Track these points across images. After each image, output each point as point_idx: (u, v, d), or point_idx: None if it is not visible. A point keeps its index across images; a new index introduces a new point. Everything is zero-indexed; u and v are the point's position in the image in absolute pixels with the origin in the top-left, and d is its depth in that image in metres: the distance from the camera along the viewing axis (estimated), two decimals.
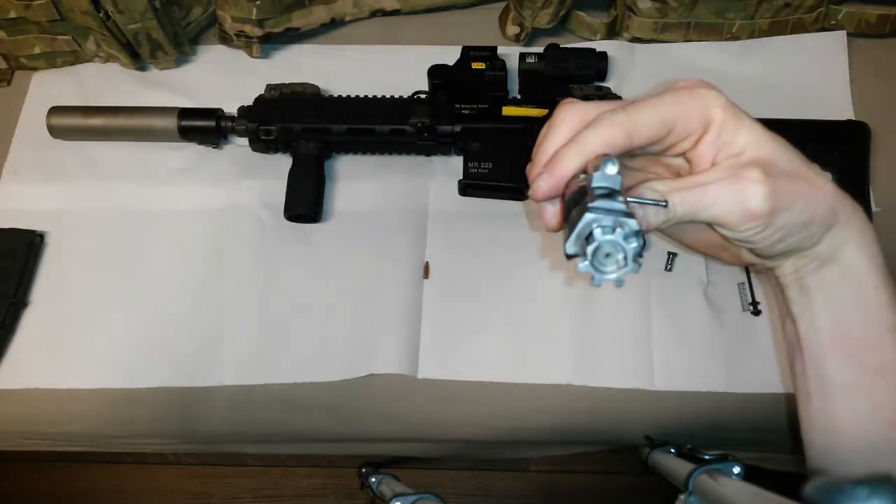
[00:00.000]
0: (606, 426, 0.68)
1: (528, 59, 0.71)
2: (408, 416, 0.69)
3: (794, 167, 0.35)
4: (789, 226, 0.35)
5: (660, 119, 0.35)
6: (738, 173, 0.34)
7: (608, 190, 0.31)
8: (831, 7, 0.75)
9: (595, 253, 0.30)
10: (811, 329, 0.39)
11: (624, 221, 0.29)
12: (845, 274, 0.37)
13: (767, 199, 0.33)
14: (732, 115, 0.36)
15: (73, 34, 0.76)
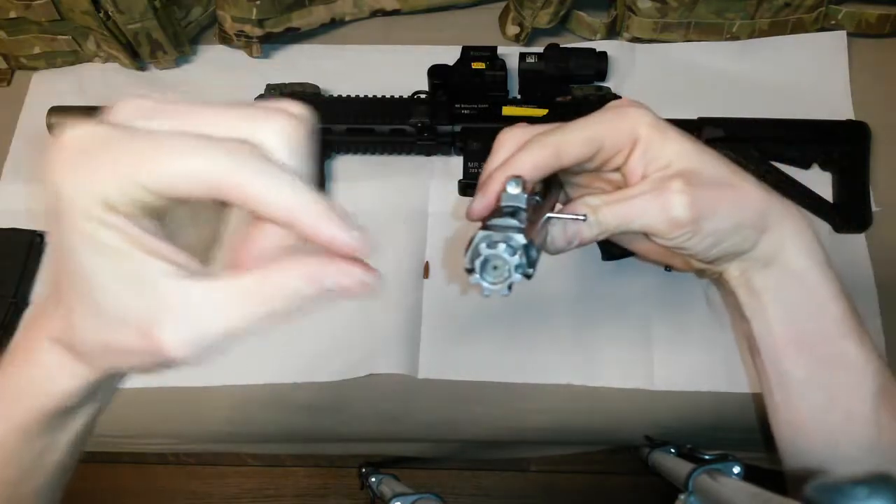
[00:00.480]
0: (606, 426, 0.68)
1: (528, 58, 0.71)
2: (408, 416, 0.69)
3: (719, 175, 0.37)
4: (718, 231, 0.37)
5: (587, 138, 0.37)
6: (662, 185, 0.36)
7: (513, 208, 0.33)
8: (831, 7, 0.75)
9: (483, 266, 0.32)
10: (764, 328, 0.41)
11: (510, 237, 0.31)
12: (788, 273, 0.39)
13: (689, 207, 0.35)
14: (657, 131, 0.37)
15: (73, 34, 0.75)
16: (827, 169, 0.72)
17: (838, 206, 0.70)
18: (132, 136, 0.24)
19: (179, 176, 0.23)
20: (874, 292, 0.68)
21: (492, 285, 0.32)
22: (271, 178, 0.24)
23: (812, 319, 0.39)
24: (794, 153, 0.71)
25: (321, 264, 0.25)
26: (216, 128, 0.25)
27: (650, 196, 0.36)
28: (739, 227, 0.37)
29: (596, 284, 0.69)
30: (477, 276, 0.32)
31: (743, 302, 0.41)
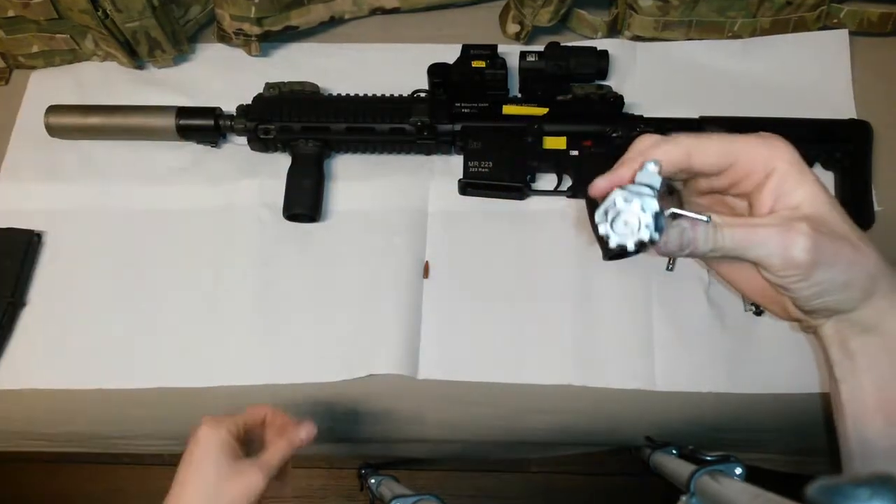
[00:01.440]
0: (607, 427, 0.68)
1: (528, 57, 0.71)
2: (408, 416, 0.68)
3: (843, 231, 0.37)
4: (827, 282, 0.37)
5: (724, 150, 0.38)
6: (789, 223, 0.36)
7: (647, 186, 0.34)
8: (833, 6, 0.75)
9: (614, 219, 0.34)
10: (853, 392, 0.40)
11: (645, 198, 0.33)
12: (887, 344, 0.39)
13: (810, 251, 0.35)
14: (797, 170, 0.37)
15: (71, 33, 0.75)
16: (829, 168, 0.71)
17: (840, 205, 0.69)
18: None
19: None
20: None
21: (620, 237, 0.34)
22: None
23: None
24: None
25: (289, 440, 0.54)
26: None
27: (775, 230, 0.36)
28: (849, 285, 0.37)
29: (597, 285, 0.69)
30: (607, 227, 0.34)
31: (835, 361, 0.41)
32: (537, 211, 0.71)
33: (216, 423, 0.51)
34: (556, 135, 0.70)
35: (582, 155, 0.70)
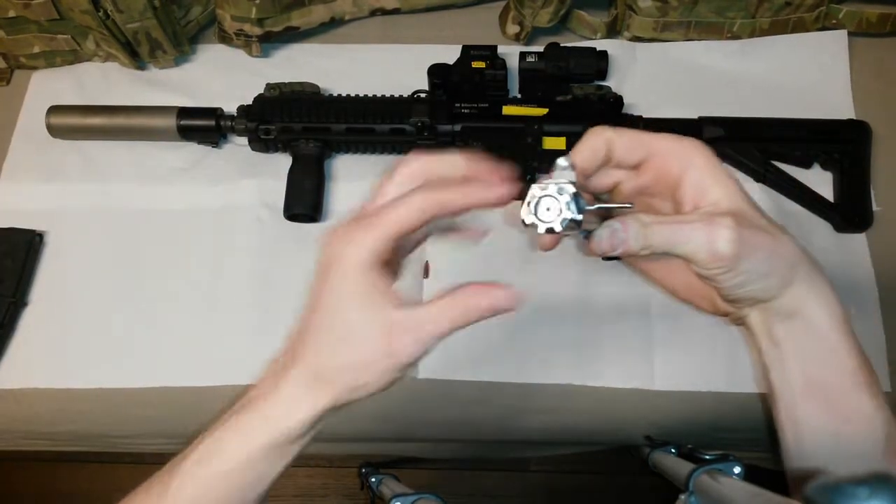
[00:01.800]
0: (607, 426, 0.68)
1: (528, 58, 0.71)
2: (408, 416, 0.69)
3: (761, 223, 0.39)
4: (752, 272, 0.39)
5: (639, 140, 0.40)
6: (712, 219, 0.38)
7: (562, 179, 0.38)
8: (832, 6, 0.75)
9: (536, 207, 0.37)
10: (781, 376, 0.43)
11: (561, 184, 0.36)
12: (809, 328, 0.41)
13: (734, 243, 0.37)
14: (711, 167, 0.40)
15: (72, 33, 0.75)
16: (828, 168, 0.72)
17: (839, 205, 0.70)
18: (369, 218, 0.36)
19: (408, 220, 0.35)
20: (875, 291, 0.68)
21: (544, 222, 0.36)
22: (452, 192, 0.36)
23: (828, 372, 0.42)
24: (795, 153, 0.71)
25: (480, 291, 0.36)
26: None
27: (700, 225, 0.38)
28: (769, 274, 0.39)
29: (596, 284, 0.69)
30: (532, 216, 0.36)
31: (763, 350, 0.43)
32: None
33: (346, 239, 0.36)
34: (555, 135, 0.71)
35: None
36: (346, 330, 0.36)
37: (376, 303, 0.35)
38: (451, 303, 0.36)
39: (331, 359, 0.36)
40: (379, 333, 0.35)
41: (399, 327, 0.35)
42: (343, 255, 0.35)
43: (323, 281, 0.36)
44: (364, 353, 0.36)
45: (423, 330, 0.35)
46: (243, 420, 0.38)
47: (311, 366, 0.37)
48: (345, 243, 0.36)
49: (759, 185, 0.71)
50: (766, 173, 0.70)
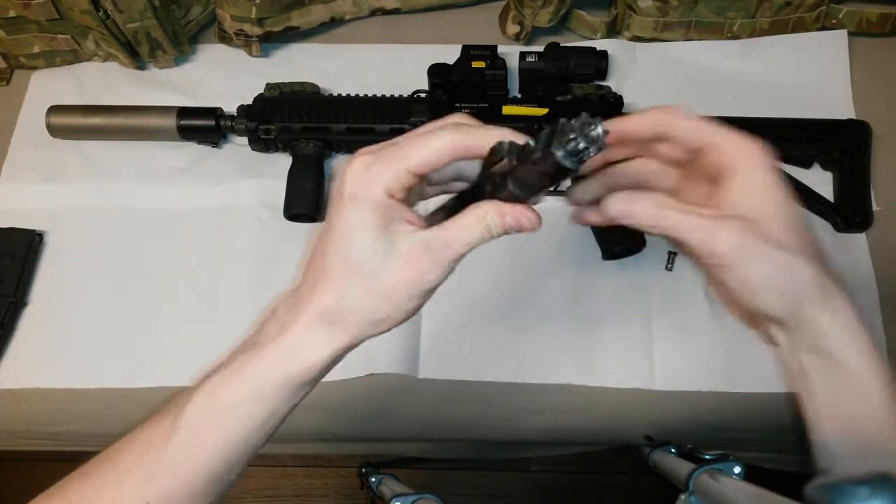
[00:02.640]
0: (607, 426, 0.68)
1: (528, 57, 0.71)
2: (408, 416, 0.69)
3: (787, 240, 0.38)
4: (750, 281, 0.38)
5: (706, 132, 0.39)
6: (722, 218, 0.38)
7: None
8: (832, 6, 0.75)
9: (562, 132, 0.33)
10: (812, 408, 0.42)
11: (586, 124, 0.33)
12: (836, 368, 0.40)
13: (732, 245, 0.37)
14: (769, 170, 0.39)
15: (72, 33, 0.75)
16: (828, 168, 0.72)
17: (839, 205, 0.70)
18: (392, 147, 0.36)
19: (433, 154, 0.35)
20: (875, 291, 0.68)
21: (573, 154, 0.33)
22: (477, 131, 0.36)
23: (859, 416, 0.41)
24: (795, 152, 0.71)
25: (502, 206, 0.36)
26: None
27: (707, 222, 0.37)
28: (773, 289, 0.38)
29: (596, 284, 0.69)
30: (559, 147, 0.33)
31: (793, 376, 0.42)
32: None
33: (368, 175, 0.35)
34: None
35: None
36: (361, 261, 0.35)
37: (393, 231, 0.35)
38: (473, 219, 0.36)
39: (347, 293, 0.35)
40: (398, 262, 0.35)
41: (417, 250, 0.35)
42: (360, 187, 0.35)
43: (338, 212, 0.35)
44: (382, 282, 0.35)
45: (445, 251, 0.35)
46: (256, 358, 0.36)
47: (326, 303, 0.36)
48: (364, 175, 0.35)
49: None
50: None
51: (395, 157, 0.35)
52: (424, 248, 0.35)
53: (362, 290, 0.35)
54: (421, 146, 0.35)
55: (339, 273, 0.35)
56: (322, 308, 0.36)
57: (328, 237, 0.36)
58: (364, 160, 0.36)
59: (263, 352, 0.36)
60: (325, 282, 0.36)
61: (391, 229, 0.35)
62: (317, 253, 0.37)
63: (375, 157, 0.36)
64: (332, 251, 0.36)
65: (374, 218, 0.35)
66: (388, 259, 0.35)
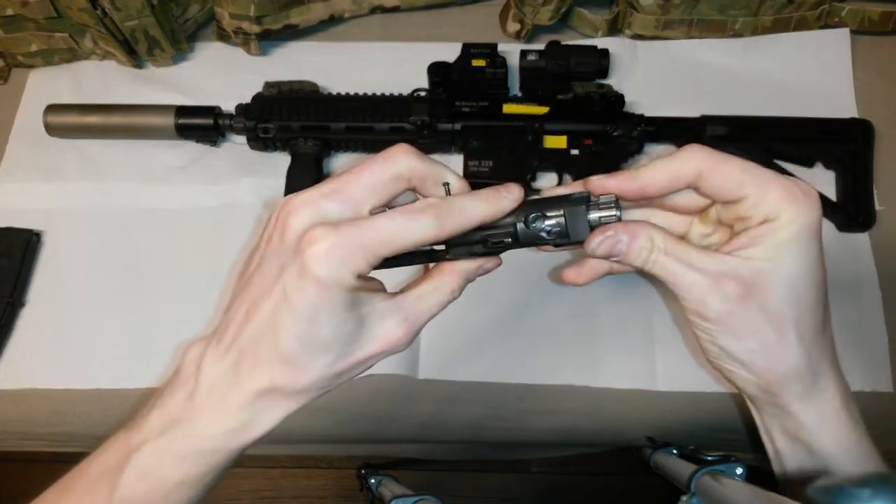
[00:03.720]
0: (608, 427, 0.67)
1: (528, 56, 0.70)
2: (408, 416, 0.68)
3: (786, 314, 0.36)
4: (731, 351, 0.37)
5: (744, 180, 0.36)
6: (723, 276, 0.36)
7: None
8: (834, 4, 0.75)
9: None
10: (774, 462, 0.43)
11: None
12: (808, 448, 0.39)
13: (720, 316, 0.36)
14: (812, 231, 0.36)
15: (70, 31, 0.75)
16: (830, 167, 0.71)
17: (842, 204, 0.69)
18: (358, 227, 0.31)
19: (414, 242, 0.33)
20: (878, 291, 0.67)
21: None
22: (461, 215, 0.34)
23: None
24: (798, 151, 0.71)
25: (471, 266, 0.37)
26: (377, 188, 0.33)
27: (703, 279, 0.36)
28: (750, 367, 0.37)
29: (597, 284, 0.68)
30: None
31: (763, 440, 0.43)
32: None
33: (340, 259, 0.31)
34: (556, 134, 0.70)
35: (583, 154, 0.70)
36: (330, 344, 0.33)
37: (364, 309, 0.33)
38: (445, 282, 0.36)
39: (308, 373, 0.33)
40: (371, 339, 0.34)
41: (392, 323, 0.34)
42: (328, 270, 0.31)
43: (299, 291, 0.31)
44: (351, 359, 0.34)
45: (420, 318, 0.35)
46: (194, 434, 0.34)
47: (281, 381, 0.33)
48: (333, 257, 0.31)
49: None
50: None
51: (371, 243, 0.31)
52: (400, 320, 0.34)
53: (327, 368, 0.34)
54: (402, 233, 0.32)
55: (300, 355, 0.33)
56: (275, 385, 0.33)
57: (284, 314, 0.32)
58: (331, 238, 0.31)
59: (202, 424, 0.34)
60: (283, 364, 0.33)
61: (362, 308, 0.33)
62: (258, 320, 0.33)
63: (344, 236, 0.31)
64: (292, 333, 0.32)
65: (345, 300, 0.32)
66: (360, 337, 0.33)
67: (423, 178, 0.35)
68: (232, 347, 0.34)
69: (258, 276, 0.33)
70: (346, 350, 0.33)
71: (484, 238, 0.36)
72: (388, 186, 0.34)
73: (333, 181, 0.33)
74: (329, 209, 0.32)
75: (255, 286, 0.33)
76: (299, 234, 0.31)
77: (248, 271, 0.35)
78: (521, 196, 0.36)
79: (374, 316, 0.34)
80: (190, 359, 0.35)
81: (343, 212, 0.32)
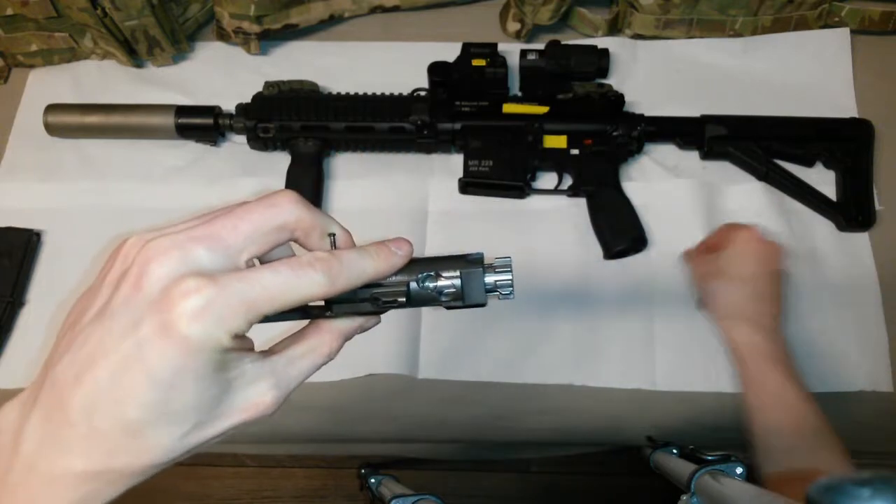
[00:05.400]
0: (608, 427, 0.67)
1: (528, 55, 0.70)
2: (408, 416, 0.68)
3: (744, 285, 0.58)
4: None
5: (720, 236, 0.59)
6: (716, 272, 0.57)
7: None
8: (834, 4, 0.75)
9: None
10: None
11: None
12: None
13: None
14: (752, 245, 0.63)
15: (70, 31, 0.75)
16: (830, 167, 0.71)
17: (842, 204, 0.69)
18: (241, 280, 0.27)
19: (289, 302, 0.28)
20: (877, 290, 0.67)
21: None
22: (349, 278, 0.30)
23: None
24: (798, 151, 0.71)
25: (347, 329, 0.33)
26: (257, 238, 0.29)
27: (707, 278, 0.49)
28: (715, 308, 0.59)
29: (597, 284, 0.68)
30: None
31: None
32: (538, 210, 0.71)
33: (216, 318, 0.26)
34: (556, 133, 0.70)
35: (582, 153, 0.70)
36: (183, 413, 0.27)
37: (231, 372, 0.28)
38: (304, 349, 0.32)
39: (146, 450, 0.28)
40: (234, 408, 0.29)
41: (262, 388, 0.30)
42: (200, 328, 0.26)
43: (155, 345, 0.26)
44: (205, 431, 0.29)
45: (291, 383, 0.31)
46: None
47: (108, 464, 0.28)
48: (208, 313, 0.26)
49: (762, 184, 0.70)
50: (769, 172, 0.70)
51: (256, 300, 0.27)
52: (271, 385, 0.30)
53: (177, 441, 0.28)
54: (289, 290, 0.28)
55: (148, 427, 0.27)
56: (111, 467, 0.28)
57: (135, 378, 0.26)
58: (208, 293, 0.26)
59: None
60: (125, 436, 0.27)
61: (230, 372, 0.28)
62: (94, 385, 0.27)
63: (224, 290, 0.27)
64: (142, 400, 0.27)
65: (214, 363, 0.27)
66: (222, 405, 0.29)
67: (308, 229, 0.31)
68: (54, 415, 0.27)
69: (98, 329, 0.27)
70: (203, 420, 0.28)
71: (374, 296, 0.33)
72: (270, 237, 0.29)
73: (205, 223, 0.28)
74: (201, 257, 0.27)
75: (93, 341, 0.27)
76: (163, 284, 0.26)
77: (83, 321, 0.29)
78: (412, 252, 0.33)
79: (242, 381, 0.29)
80: (5, 425, 0.29)
81: (217, 261, 0.27)
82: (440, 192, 0.72)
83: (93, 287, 0.31)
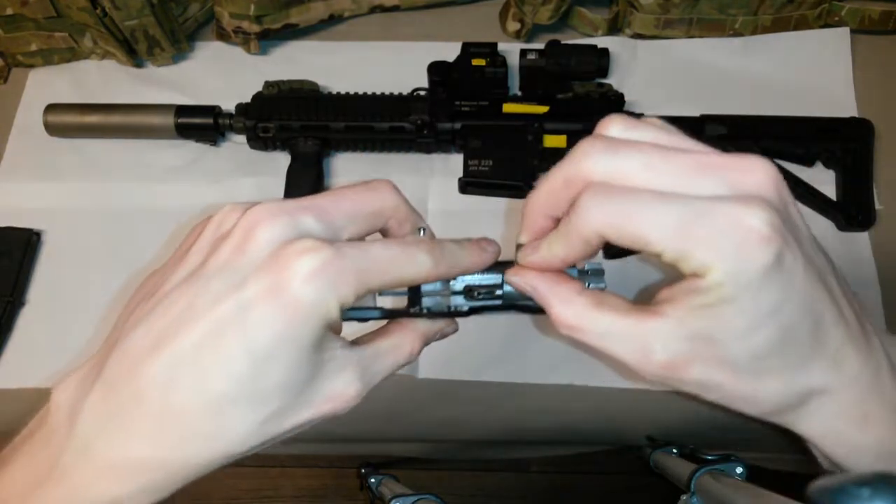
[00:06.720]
0: (608, 426, 0.67)
1: (528, 55, 0.70)
2: (408, 416, 0.68)
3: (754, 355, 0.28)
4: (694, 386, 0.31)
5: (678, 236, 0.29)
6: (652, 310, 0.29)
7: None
8: (834, 3, 0.75)
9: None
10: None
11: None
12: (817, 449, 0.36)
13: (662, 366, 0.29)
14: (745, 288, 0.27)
15: (69, 31, 0.75)
16: (830, 167, 0.71)
17: (842, 203, 0.69)
18: (355, 247, 0.26)
19: (398, 278, 0.28)
20: (878, 290, 0.67)
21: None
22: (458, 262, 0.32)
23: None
24: (798, 151, 0.71)
25: (430, 329, 0.33)
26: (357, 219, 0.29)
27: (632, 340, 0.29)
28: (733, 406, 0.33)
29: None
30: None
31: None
32: None
33: (329, 282, 0.25)
34: (556, 133, 0.70)
35: None
36: (273, 393, 0.26)
37: (326, 353, 0.27)
38: (391, 342, 0.32)
39: (221, 431, 0.26)
40: (320, 395, 0.28)
41: (351, 377, 0.29)
42: (313, 293, 0.24)
43: (257, 308, 0.24)
44: (287, 421, 0.27)
45: (376, 377, 0.31)
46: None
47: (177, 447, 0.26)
48: (324, 278, 0.24)
49: None
50: None
51: (368, 269, 0.26)
52: (357, 376, 0.29)
53: (255, 427, 0.26)
54: (399, 265, 0.27)
55: (230, 404, 0.25)
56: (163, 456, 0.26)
57: (229, 343, 0.24)
58: (325, 254, 0.25)
59: (73, 492, 0.26)
60: (204, 412, 0.25)
61: (324, 353, 0.27)
62: (175, 351, 0.25)
63: (340, 254, 0.25)
64: (233, 370, 0.24)
65: (316, 338, 0.25)
66: (309, 391, 0.27)
67: (402, 219, 0.31)
68: (122, 391, 0.25)
69: (187, 294, 0.26)
70: (286, 405, 0.26)
71: (468, 287, 0.33)
72: (368, 220, 0.29)
73: (310, 198, 0.28)
74: (310, 225, 0.26)
75: (179, 307, 0.25)
76: (273, 247, 0.25)
77: (163, 289, 0.28)
78: (500, 252, 0.33)
79: (332, 365, 0.28)
80: (60, 402, 0.27)
81: (324, 232, 0.26)
82: (440, 192, 0.72)
83: (172, 259, 0.30)
